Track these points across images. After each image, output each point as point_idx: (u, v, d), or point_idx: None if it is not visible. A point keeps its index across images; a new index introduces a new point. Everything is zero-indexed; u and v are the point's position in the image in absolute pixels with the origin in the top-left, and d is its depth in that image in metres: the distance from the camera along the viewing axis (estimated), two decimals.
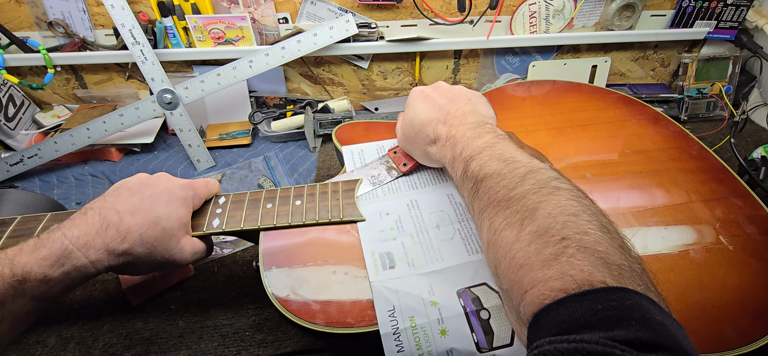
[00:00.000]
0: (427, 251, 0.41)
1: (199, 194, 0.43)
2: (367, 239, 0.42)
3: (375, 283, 0.38)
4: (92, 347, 0.44)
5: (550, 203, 0.28)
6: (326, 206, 0.44)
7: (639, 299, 0.22)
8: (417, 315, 0.36)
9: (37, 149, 0.66)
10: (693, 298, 0.37)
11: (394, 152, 0.51)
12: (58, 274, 0.32)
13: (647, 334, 0.20)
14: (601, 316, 0.22)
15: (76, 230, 0.34)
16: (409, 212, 0.44)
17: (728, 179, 0.49)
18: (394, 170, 0.49)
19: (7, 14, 0.71)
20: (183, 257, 0.39)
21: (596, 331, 0.21)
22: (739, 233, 0.42)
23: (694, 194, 0.47)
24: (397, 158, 0.50)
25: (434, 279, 0.38)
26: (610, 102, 0.61)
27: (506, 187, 0.31)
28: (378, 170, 0.49)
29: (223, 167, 0.70)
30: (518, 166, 0.32)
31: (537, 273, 0.26)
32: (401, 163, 0.49)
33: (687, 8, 0.73)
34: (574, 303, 0.23)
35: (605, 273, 0.24)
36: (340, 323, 0.36)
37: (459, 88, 0.45)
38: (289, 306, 0.37)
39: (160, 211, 0.38)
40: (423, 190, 0.47)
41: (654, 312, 0.22)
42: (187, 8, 0.68)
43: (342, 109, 0.76)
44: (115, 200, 0.38)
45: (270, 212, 0.43)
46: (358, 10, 0.73)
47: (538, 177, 0.30)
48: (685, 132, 0.55)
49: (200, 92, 0.67)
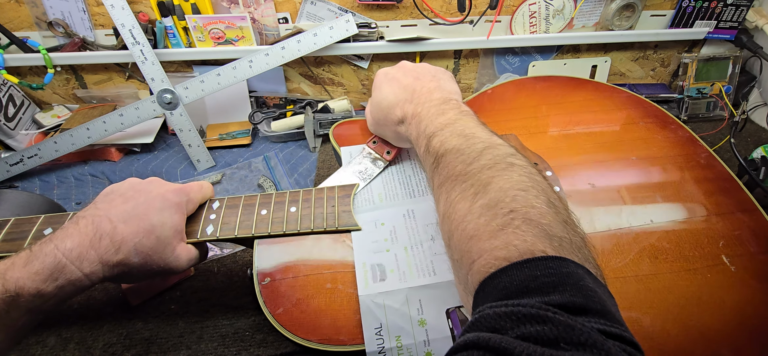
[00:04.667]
0: (420, 264, 0.40)
1: (192, 198, 0.42)
2: (359, 250, 0.41)
3: (363, 298, 0.38)
4: (92, 347, 0.44)
5: (502, 178, 0.29)
6: (322, 214, 0.43)
7: (575, 268, 0.24)
8: (403, 335, 0.36)
9: (37, 149, 0.66)
10: (690, 320, 0.36)
11: (373, 142, 0.50)
12: (52, 288, 0.31)
13: (579, 299, 0.22)
14: (540, 282, 0.23)
15: (68, 242, 0.33)
16: (405, 223, 0.44)
17: (735, 190, 0.47)
18: (380, 160, 0.48)
19: (7, 14, 0.71)
20: (179, 265, 0.39)
21: (535, 296, 0.23)
22: (742, 252, 0.41)
23: (698, 209, 0.45)
24: (378, 147, 0.49)
25: (424, 295, 0.38)
26: (619, 102, 0.59)
27: (464, 162, 0.32)
28: (363, 165, 0.48)
29: (223, 167, 0.70)
30: (477, 142, 0.33)
31: (484, 243, 0.27)
32: (384, 151, 0.48)
33: (687, 8, 0.73)
34: (516, 270, 0.24)
35: (546, 243, 0.25)
36: (334, 340, 0.36)
37: (423, 65, 0.45)
38: (281, 318, 0.37)
39: (155, 219, 0.37)
40: (420, 199, 0.46)
41: (588, 280, 0.24)
42: (187, 8, 0.68)
43: (342, 109, 0.76)
44: (108, 207, 0.37)
45: (264, 219, 0.43)
46: (358, 10, 0.73)
47: (494, 153, 0.31)
48: (694, 138, 0.53)
49: (200, 92, 0.67)
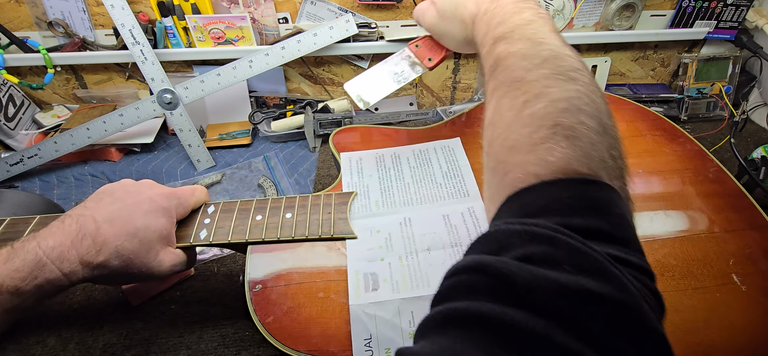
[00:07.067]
0: (415, 275, 0.39)
1: (183, 203, 0.41)
2: (353, 257, 0.41)
3: (354, 307, 0.37)
4: (92, 347, 0.44)
5: (558, 90, 0.26)
6: (317, 221, 0.42)
7: (609, 193, 0.23)
8: (393, 348, 0.35)
9: (37, 149, 0.66)
10: (697, 340, 0.35)
11: (416, 45, 0.46)
12: (31, 287, 0.31)
13: (603, 224, 0.21)
14: (563, 204, 0.22)
15: (51, 241, 0.33)
16: (401, 231, 0.43)
17: (746, 206, 0.45)
18: (419, 66, 0.45)
19: (7, 14, 0.71)
20: (161, 271, 0.38)
21: (554, 217, 0.21)
22: (753, 270, 0.40)
23: (707, 225, 0.44)
24: (420, 52, 0.45)
25: (417, 307, 0.37)
26: (626, 115, 0.58)
27: (524, 68, 0.29)
28: (400, 67, 0.45)
29: (223, 167, 0.70)
30: (544, 49, 0.29)
31: (520, 157, 0.25)
32: (426, 57, 0.45)
33: (687, 8, 0.73)
34: (543, 189, 0.23)
35: (583, 164, 0.23)
36: (323, 351, 0.35)
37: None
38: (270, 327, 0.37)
39: (139, 222, 0.37)
40: (418, 207, 0.45)
41: (619, 207, 0.22)
42: (187, 8, 0.68)
43: (342, 109, 0.76)
44: (96, 206, 0.37)
45: (259, 225, 0.42)
46: (358, 10, 0.73)
47: (558, 64, 0.28)
48: (703, 151, 0.52)
49: (200, 92, 0.67)
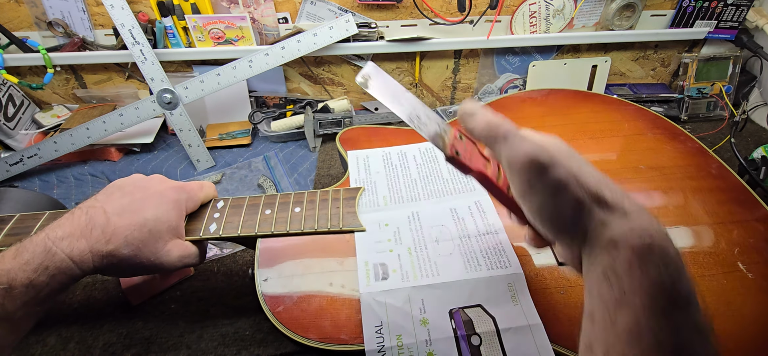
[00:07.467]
0: (424, 265, 0.39)
1: (192, 197, 0.42)
2: (362, 249, 0.41)
3: (365, 295, 0.37)
4: (92, 346, 0.44)
5: None
6: (326, 215, 0.43)
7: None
8: (405, 335, 0.35)
9: (37, 149, 0.66)
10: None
11: (459, 135, 0.30)
12: (44, 278, 0.32)
13: None
14: None
15: (59, 231, 0.33)
16: (409, 225, 0.43)
17: (749, 200, 0.46)
18: (440, 137, 0.29)
19: (6, 14, 0.71)
20: (170, 262, 0.38)
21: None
22: (759, 259, 0.40)
23: (711, 216, 0.44)
24: (458, 141, 0.30)
25: (427, 294, 0.37)
26: (627, 114, 0.59)
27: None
28: (426, 115, 0.30)
29: (223, 166, 0.70)
30: None
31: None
32: (456, 147, 0.29)
33: (687, 8, 0.73)
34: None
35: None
36: (334, 339, 0.36)
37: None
38: (281, 316, 0.37)
39: (149, 213, 0.37)
40: (425, 202, 0.46)
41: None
42: (187, 8, 0.68)
43: (342, 109, 0.76)
44: (107, 200, 0.37)
45: (268, 219, 0.42)
46: (358, 10, 0.73)
47: None
48: (704, 149, 0.53)
49: (200, 92, 0.67)
